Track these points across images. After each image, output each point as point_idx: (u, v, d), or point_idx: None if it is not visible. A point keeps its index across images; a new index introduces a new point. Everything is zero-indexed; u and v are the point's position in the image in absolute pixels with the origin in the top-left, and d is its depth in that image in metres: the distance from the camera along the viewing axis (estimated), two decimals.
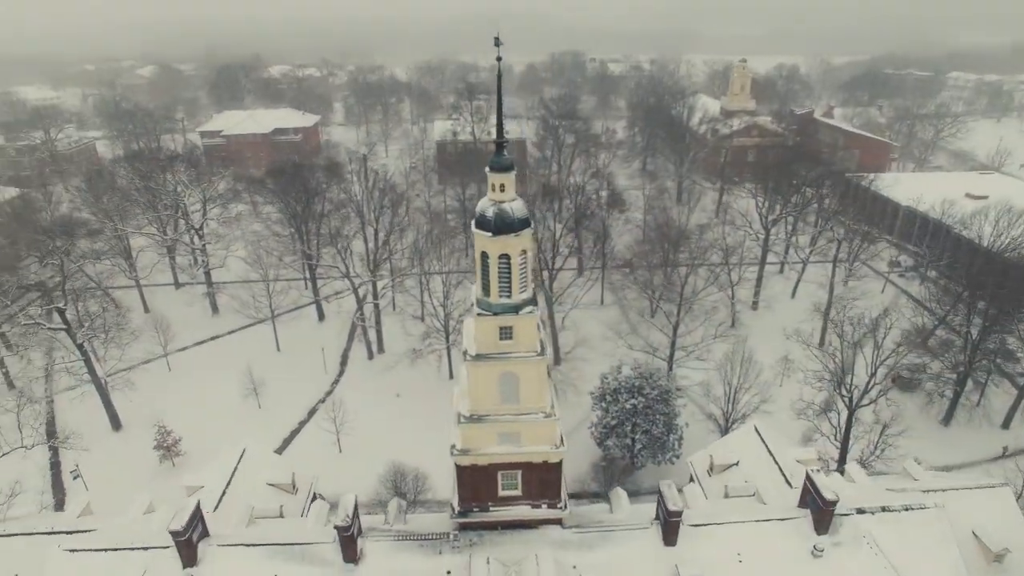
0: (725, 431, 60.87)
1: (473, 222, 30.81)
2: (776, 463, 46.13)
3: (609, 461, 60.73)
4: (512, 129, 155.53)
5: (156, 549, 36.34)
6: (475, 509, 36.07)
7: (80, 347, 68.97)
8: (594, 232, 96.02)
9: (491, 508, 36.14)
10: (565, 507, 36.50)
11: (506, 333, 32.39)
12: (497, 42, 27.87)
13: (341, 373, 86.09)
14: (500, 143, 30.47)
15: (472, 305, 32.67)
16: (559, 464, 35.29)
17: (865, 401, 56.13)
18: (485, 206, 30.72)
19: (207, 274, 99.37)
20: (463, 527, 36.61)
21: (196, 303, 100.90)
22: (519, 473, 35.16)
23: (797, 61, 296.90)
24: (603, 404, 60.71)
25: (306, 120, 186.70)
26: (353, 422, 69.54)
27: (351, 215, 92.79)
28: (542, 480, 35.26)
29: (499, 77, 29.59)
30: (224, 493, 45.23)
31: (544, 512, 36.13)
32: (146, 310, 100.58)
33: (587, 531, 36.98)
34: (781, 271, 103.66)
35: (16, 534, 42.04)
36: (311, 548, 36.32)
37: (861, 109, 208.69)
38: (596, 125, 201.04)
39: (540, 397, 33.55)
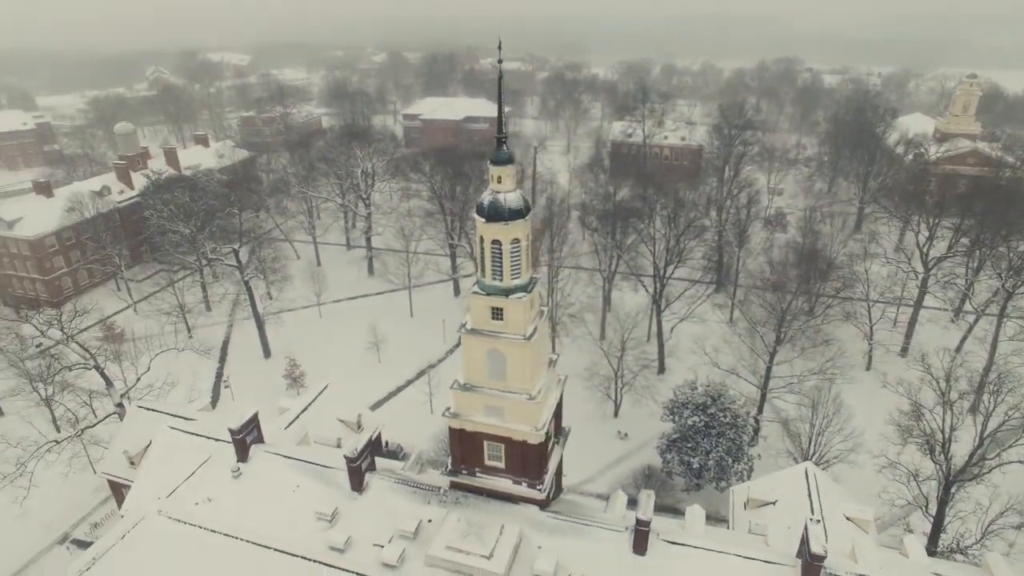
0: None
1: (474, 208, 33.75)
2: (812, 510, 42.73)
3: (665, 474, 59.53)
4: (686, 135, 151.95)
5: (224, 443, 44.75)
6: (463, 472, 39.15)
7: (246, 284, 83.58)
8: (731, 247, 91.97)
9: (477, 474, 38.93)
10: (545, 490, 38.02)
11: (497, 314, 34.88)
12: (500, 47, 30.33)
13: (457, 345, 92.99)
14: (500, 139, 32.93)
15: (474, 283, 35.64)
16: (540, 447, 36.91)
17: (967, 476, 48.50)
18: (485, 195, 33.49)
19: (368, 239, 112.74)
20: (453, 485, 39.91)
21: (357, 264, 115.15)
22: (503, 447, 37.47)
23: None
24: (672, 417, 59.66)
25: (491, 110, 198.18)
26: (446, 387, 75.75)
27: None
28: (523, 458, 37.19)
29: (499, 79, 32.05)
30: (297, 417, 53.46)
31: (524, 490, 38.03)
32: (318, 263, 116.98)
33: (564, 519, 38.17)
34: (956, 318, 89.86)
35: (156, 410, 53.87)
36: (332, 472, 42.15)
37: None
38: (790, 139, 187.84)
39: (525, 379, 35.51)
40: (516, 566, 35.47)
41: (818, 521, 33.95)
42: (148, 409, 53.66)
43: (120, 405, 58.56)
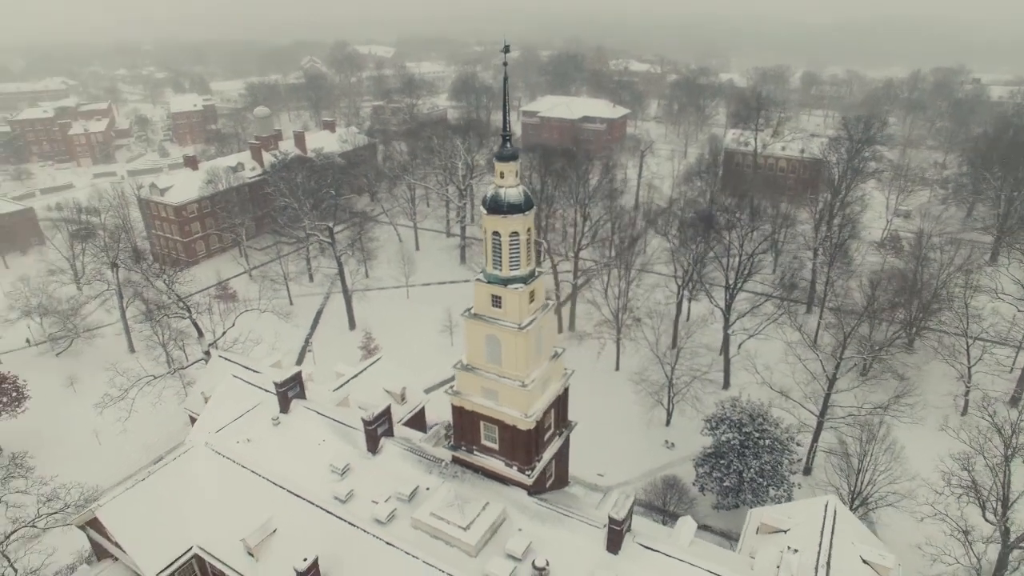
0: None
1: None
2: (821, 544, 40.67)
3: (698, 488, 58.24)
4: (805, 147, 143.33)
5: (272, 395, 50.23)
6: (463, 448, 41.46)
7: (338, 259, 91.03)
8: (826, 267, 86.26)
9: (475, 452, 41.07)
10: (533, 475, 39.38)
11: (496, 301, 36.75)
12: (506, 50, 32.05)
13: None
14: (505, 136, 34.65)
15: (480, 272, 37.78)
16: (530, 433, 38.32)
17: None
18: (490, 188, 35.46)
19: (462, 228, 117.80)
20: (454, 460, 42.35)
21: (451, 251, 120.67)
22: (496, 429, 39.32)
23: None
24: (711, 432, 58.31)
25: (615, 112, 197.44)
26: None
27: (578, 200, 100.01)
28: (513, 441, 38.82)
29: (505, 80, 33.71)
30: (347, 382, 58.27)
31: (514, 472, 39.64)
32: (416, 247, 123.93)
33: (549, 507, 39.34)
34: None
35: (232, 360, 60.97)
36: (355, 434, 46.09)
37: None
38: (931, 157, 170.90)
39: (519, 366, 37.11)
40: (492, 543, 37.26)
41: (795, 551, 32.71)
42: (227, 359, 60.88)
43: (207, 353, 66.96)
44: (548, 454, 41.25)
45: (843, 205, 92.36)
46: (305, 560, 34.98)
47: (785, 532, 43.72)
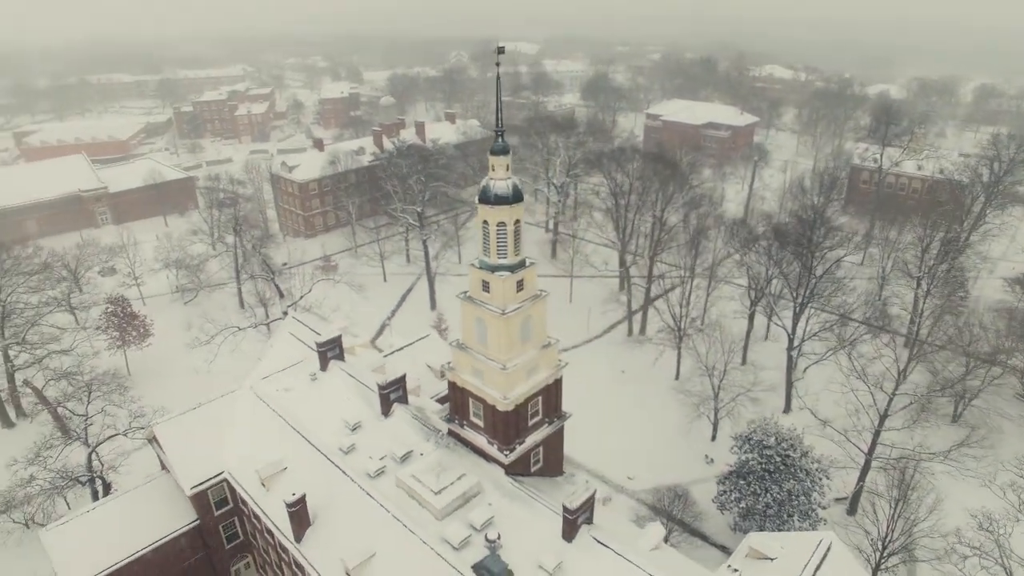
0: (876, 568, 49.36)
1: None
2: None
3: (718, 506, 56.76)
4: (946, 167, 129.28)
5: (315, 354, 56.07)
6: (456, 421, 44.30)
7: (424, 243, 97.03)
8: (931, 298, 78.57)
9: (464, 426, 43.77)
10: (511, 456, 41.33)
11: (486, 286, 39.12)
12: (500, 51, 34.19)
13: (600, 335, 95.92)
14: (499, 132, 36.73)
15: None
16: (510, 415, 40.31)
17: None
18: (484, 180, 37.84)
19: (555, 224, 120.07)
20: (449, 431, 45.33)
21: (545, 246, 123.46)
22: (482, 407, 41.72)
23: None
24: (739, 450, 56.58)
25: (742, 119, 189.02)
26: (567, 371, 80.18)
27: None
28: (495, 421, 41.00)
29: (498, 79, 35.71)
30: (392, 353, 63.16)
31: (493, 451, 41.84)
32: None
33: (522, 488, 41.13)
34: None
35: (301, 322, 67.99)
36: (376, 397, 50.50)
37: None
38: None
39: (501, 350, 39.22)
40: (461, 511, 39.83)
41: (735, 571, 32.16)
42: (298, 320, 68.16)
43: (284, 313, 75.18)
44: (532, 439, 42.98)
45: (970, 231, 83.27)
46: (294, 495, 39.70)
47: (772, 560, 42.28)
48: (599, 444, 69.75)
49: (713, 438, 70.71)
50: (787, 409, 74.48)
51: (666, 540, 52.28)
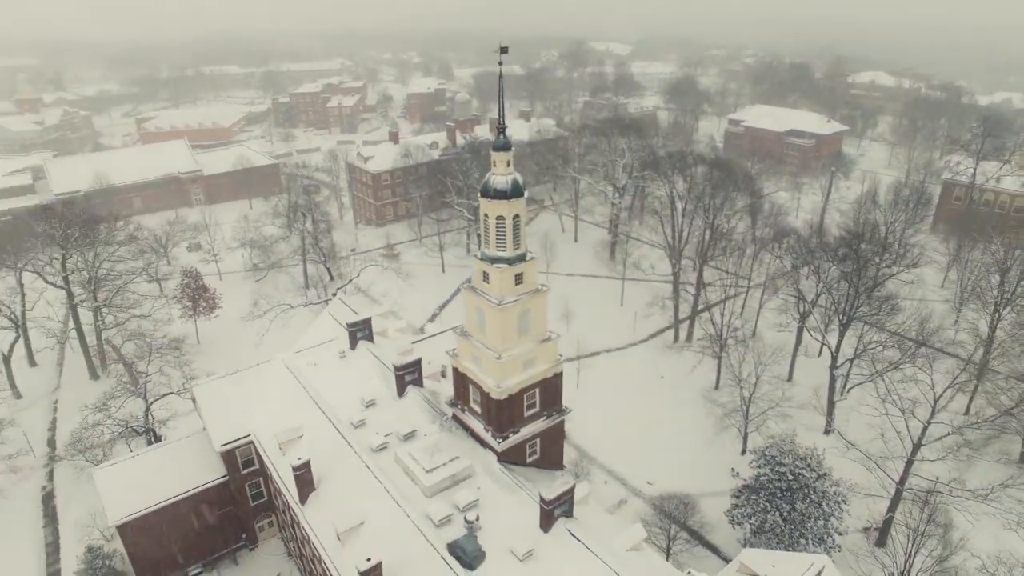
0: None
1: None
2: None
3: (729, 520, 55.52)
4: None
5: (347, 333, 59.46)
6: (458, 406, 46.03)
7: (479, 236, 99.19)
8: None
9: (464, 411, 45.42)
10: (504, 444, 42.57)
11: (486, 277, 40.55)
12: (503, 50, 35.43)
13: (644, 340, 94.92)
14: (501, 129, 37.90)
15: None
16: (503, 404, 41.57)
17: None
18: (487, 175, 39.21)
19: (615, 225, 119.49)
20: (453, 416, 47.12)
21: (606, 247, 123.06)
22: (479, 394, 43.20)
23: None
24: (756, 464, 55.12)
25: (828, 128, 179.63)
26: (606, 371, 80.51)
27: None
28: (489, 408, 42.38)
29: (500, 77, 36.82)
30: (423, 339, 65.74)
31: (488, 437, 43.23)
32: (575, 239, 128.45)
33: (511, 477, 42.31)
34: None
35: (346, 304, 72.10)
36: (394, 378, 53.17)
37: None
38: None
39: (496, 339, 40.55)
40: (449, 491, 41.51)
41: None
42: (343, 302, 72.20)
43: (334, 294, 79.58)
44: (528, 431, 44.04)
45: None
46: (299, 459, 42.75)
47: None
48: (625, 447, 69.48)
49: (743, 452, 68.78)
50: (828, 430, 71.25)
51: (668, 549, 52.14)
